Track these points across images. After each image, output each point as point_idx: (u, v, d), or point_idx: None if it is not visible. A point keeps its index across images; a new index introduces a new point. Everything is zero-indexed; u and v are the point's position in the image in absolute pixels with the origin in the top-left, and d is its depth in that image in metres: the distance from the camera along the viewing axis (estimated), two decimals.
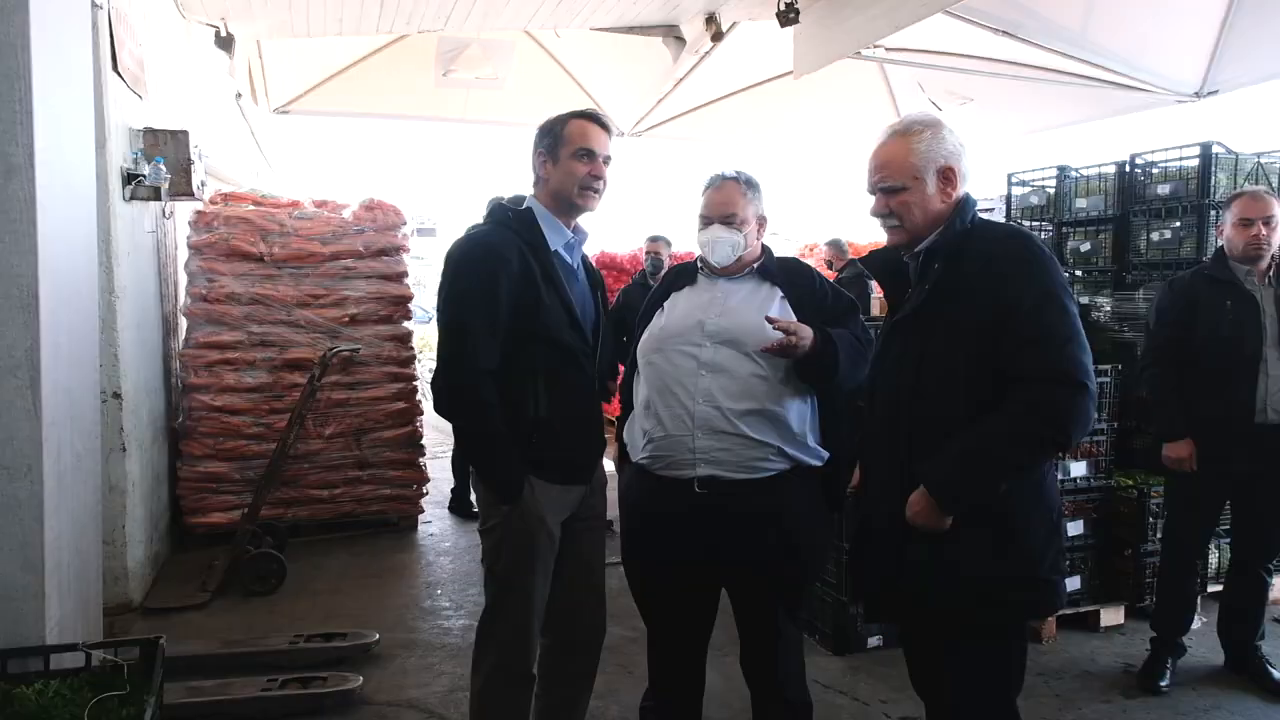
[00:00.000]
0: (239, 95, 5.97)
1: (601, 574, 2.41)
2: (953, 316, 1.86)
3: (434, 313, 5.30)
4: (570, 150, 2.15)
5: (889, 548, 1.96)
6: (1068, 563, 2.00)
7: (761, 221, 2.33)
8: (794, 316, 2.22)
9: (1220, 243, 3.22)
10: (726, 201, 2.26)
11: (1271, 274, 3.10)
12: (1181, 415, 3.16)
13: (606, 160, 2.21)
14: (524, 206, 2.22)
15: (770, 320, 2.09)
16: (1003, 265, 1.83)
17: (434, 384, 2.15)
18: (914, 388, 1.91)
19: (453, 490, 5.65)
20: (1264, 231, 3.03)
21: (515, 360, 2.11)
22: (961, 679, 1.93)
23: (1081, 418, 1.81)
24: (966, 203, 1.95)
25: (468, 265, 2.12)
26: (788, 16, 5.50)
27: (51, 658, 1.97)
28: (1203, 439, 3.12)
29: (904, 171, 1.92)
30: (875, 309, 6.70)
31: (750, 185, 2.31)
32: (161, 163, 3.91)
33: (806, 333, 2.08)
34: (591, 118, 2.21)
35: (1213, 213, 3.70)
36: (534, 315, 2.11)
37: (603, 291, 2.42)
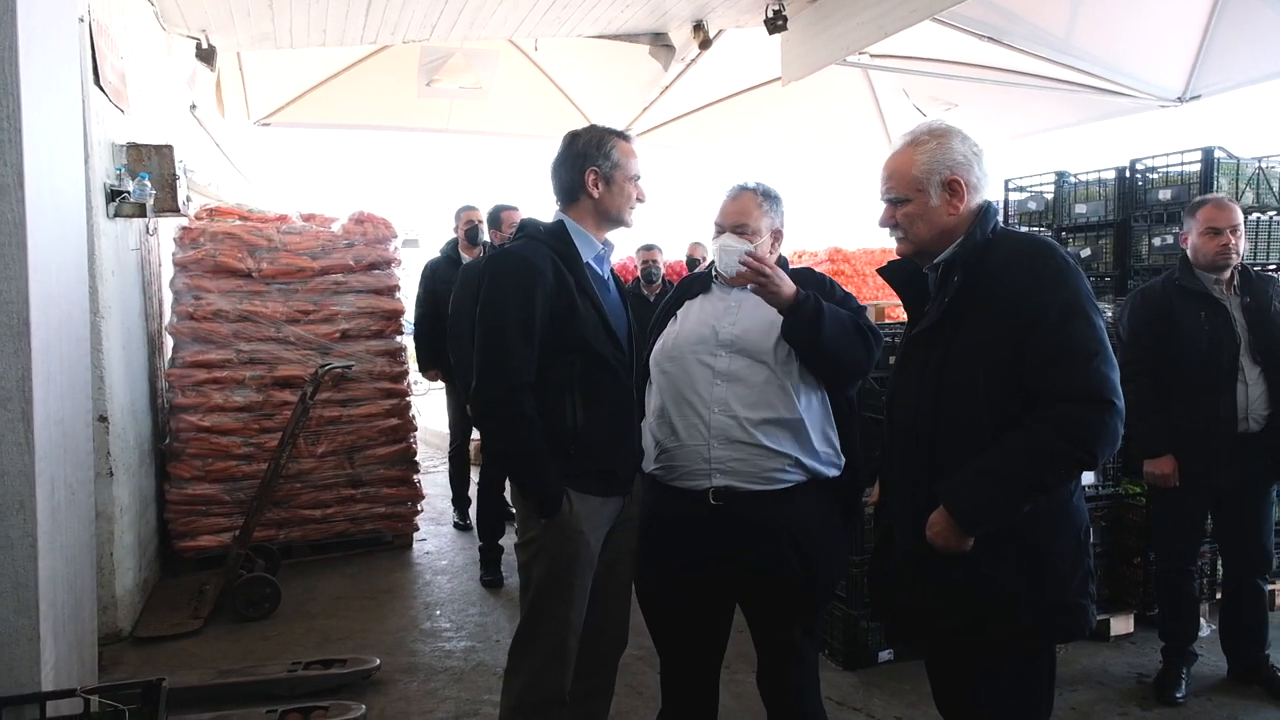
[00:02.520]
0: (194, 106, 5.82)
1: (630, 587, 2.36)
2: (973, 330, 1.81)
3: (414, 324, 5.24)
4: (626, 175, 2.24)
5: (910, 568, 1.91)
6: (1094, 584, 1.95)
7: (777, 235, 2.32)
8: None
9: (1184, 250, 3.17)
10: (740, 211, 2.27)
11: (1236, 283, 3.09)
12: (1163, 431, 3.12)
13: None
14: (555, 221, 2.24)
15: (746, 256, 2.11)
16: (1025, 277, 1.78)
17: (472, 400, 2.13)
18: (934, 402, 1.86)
19: (454, 502, 5.57)
20: (1233, 240, 3.01)
21: (551, 372, 2.11)
22: (989, 705, 1.88)
23: (1109, 437, 1.76)
24: (987, 212, 1.90)
25: (503, 279, 2.11)
26: (776, 23, 5.49)
27: (48, 705, 1.87)
28: (1186, 452, 3.09)
29: (907, 183, 1.88)
30: None
31: (768, 197, 2.30)
32: (146, 178, 3.80)
33: (782, 277, 2.09)
34: (630, 139, 2.27)
35: None
36: (569, 326, 2.11)
37: (628, 301, 2.41)
